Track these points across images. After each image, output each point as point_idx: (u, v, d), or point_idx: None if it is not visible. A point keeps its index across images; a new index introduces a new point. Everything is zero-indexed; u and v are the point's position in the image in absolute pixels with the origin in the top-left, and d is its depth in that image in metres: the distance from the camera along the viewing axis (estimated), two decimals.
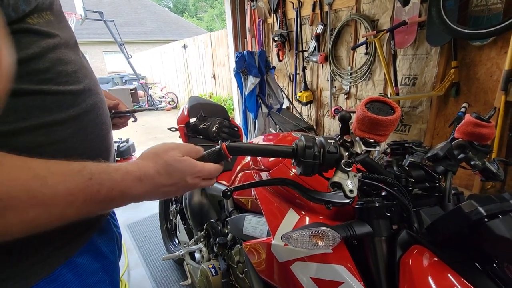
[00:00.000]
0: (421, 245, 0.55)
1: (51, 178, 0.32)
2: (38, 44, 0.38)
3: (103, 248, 0.52)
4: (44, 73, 0.39)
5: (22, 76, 0.36)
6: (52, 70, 0.40)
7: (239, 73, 2.97)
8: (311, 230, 0.58)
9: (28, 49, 0.37)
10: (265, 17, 3.55)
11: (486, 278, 0.48)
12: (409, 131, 2.35)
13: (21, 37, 0.36)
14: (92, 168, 0.36)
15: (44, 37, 0.39)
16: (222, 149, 0.51)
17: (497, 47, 1.77)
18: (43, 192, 0.32)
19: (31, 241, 0.38)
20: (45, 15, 0.40)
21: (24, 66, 0.37)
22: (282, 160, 0.84)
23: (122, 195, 0.39)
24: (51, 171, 0.33)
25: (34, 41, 0.38)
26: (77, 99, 0.44)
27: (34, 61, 0.38)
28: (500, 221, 0.44)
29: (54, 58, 0.40)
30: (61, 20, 0.45)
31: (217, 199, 1.40)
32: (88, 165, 0.36)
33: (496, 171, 0.66)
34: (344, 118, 0.55)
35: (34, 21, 0.38)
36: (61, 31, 0.43)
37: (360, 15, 2.47)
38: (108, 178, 0.37)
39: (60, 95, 0.41)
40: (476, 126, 0.65)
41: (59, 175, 0.33)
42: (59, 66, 0.41)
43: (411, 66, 2.24)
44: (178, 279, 1.78)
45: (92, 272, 0.48)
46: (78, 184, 0.34)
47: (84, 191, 0.35)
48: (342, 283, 0.57)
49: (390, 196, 0.60)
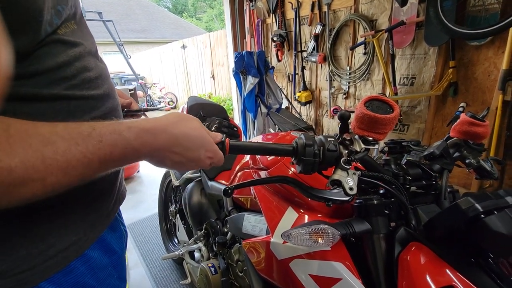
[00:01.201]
0: (419, 241, 0.55)
1: (61, 143, 0.32)
2: (66, 53, 0.41)
3: (113, 244, 0.53)
4: (70, 80, 0.42)
5: (52, 82, 0.39)
6: (77, 77, 0.43)
7: (238, 73, 2.97)
8: (311, 227, 0.58)
9: (57, 58, 0.40)
10: (264, 17, 3.56)
11: (482, 273, 0.49)
12: (407, 130, 2.37)
13: (52, 47, 0.39)
14: (102, 129, 0.36)
15: (71, 46, 0.42)
16: (226, 143, 0.52)
17: (494, 46, 1.78)
18: (56, 158, 0.32)
19: (49, 235, 0.41)
20: (70, 25, 0.43)
21: (54, 73, 0.39)
22: (281, 159, 0.85)
23: (136, 151, 0.39)
24: (60, 136, 0.33)
25: (62, 50, 0.41)
26: (97, 103, 0.46)
27: (63, 68, 0.40)
28: (496, 217, 0.45)
29: (79, 66, 0.43)
30: (83, 28, 0.48)
31: (216, 199, 1.40)
32: (97, 126, 0.36)
33: (490, 169, 0.67)
34: (343, 116, 0.55)
35: (62, 31, 0.41)
36: (84, 39, 0.46)
37: (359, 15, 2.48)
38: (120, 138, 0.37)
39: (83, 99, 0.43)
40: (471, 125, 0.66)
41: (69, 140, 0.33)
42: (83, 73, 0.44)
43: (410, 66, 2.26)
44: (178, 278, 1.78)
45: (103, 266, 0.49)
46: (89, 147, 0.34)
47: (97, 153, 0.35)
48: (340, 279, 0.58)
49: (388, 194, 0.60)
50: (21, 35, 0.34)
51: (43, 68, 0.38)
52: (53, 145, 0.31)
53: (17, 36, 0.32)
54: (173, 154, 0.43)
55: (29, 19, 0.34)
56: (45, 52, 0.38)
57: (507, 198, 0.47)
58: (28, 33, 0.34)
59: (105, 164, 0.37)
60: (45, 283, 0.41)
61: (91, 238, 0.47)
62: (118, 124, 0.38)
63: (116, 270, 0.53)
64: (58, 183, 0.33)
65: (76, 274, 0.44)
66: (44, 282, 0.40)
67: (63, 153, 0.32)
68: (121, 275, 0.55)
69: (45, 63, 0.38)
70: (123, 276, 0.56)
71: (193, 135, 0.44)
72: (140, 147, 0.39)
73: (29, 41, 0.35)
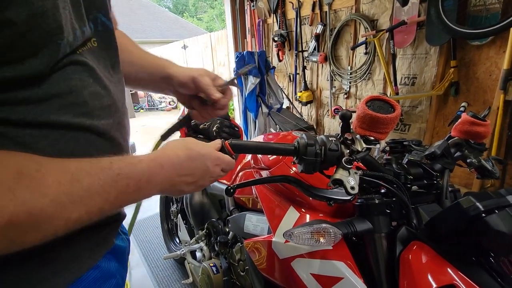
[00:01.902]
0: (420, 241, 0.56)
1: (86, 179, 0.33)
2: (80, 76, 0.39)
3: (119, 253, 0.54)
4: (81, 107, 0.39)
5: (61, 108, 0.37)
6: (88, 104, 0.40)
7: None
8: (312, 227, 0.59)
9: (71, 81, 0.38)
10: (265, 17, 3.56)
11: (483, 272, 0.49)
12: (408, 130, 2.37)
13: (67, 69, 0.37)
14: (119, 163, 0.38)
15: (87, 69, 0.40)
16: (225, 146, 0.52)
17: (495, 46, 1.78)
18: (81, 194, 0.33)
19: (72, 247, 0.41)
20: (90, 43, 0.41)
21: (64, 98, 0.37)
22: (282, 158, 0.85)
23: (149, 184, 0.41)
24: (85, 171, 0.34)
25: (77, 72, 0.38)
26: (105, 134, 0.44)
27: (75, 93, 0.38)
28: (497, 216, 0.45)
29: (92, 91, 0.41)
30: (106, 41, 0.46)
31: (218, 198, 1.41)
32: (114, 161, 0.38)
33: (491, 169, 0.68)
34: (345, 116, 0.56)
35: (80, 50, 0.39)
36: (103, 56, 0.44)
37: (360, 15, 2.48)
38: (135, 169, 0.39)
39: (90, 131, 0.42)
40: (472, 124, 0.66)
41: (92, 176, 0.34)
42: (96, 100, 0.42)
43: (411, 66, 2.26)
44: (180, 278, 1.78)
45: (112, 274, 0.49)
46: (109, 181, 0.35)
47: (115, 186, 0.36)
48: (342, 278, 0.58)
49: (389, 193, 0.61)
50: (37, 57, 0.33)
51: (54, 92, 0.36)
52: (80, 181, 0.32)
53: (32, 59, 0.32)
54: (183, 177, 0.45)
55: (47, 42, 0.33)
56: (59, 74, 0.36)
57: (508, 197, 0.48)
58: (45, 55, 0.34)
59: (121, 198, 0.38)
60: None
61: (104, 247, 0.48)
62: (131, 157, 0.40)
63: (121, 276, 0.52)
64: (80, 220, 0.34)
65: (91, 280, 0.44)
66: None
67: (88, 189, 0.33)
68: (123, 281, 0.55)
69: (57, 86, 0.36)
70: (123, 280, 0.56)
71: (193, 155, 0.46)
72: (151, 177, 0.41)
73: (45, 64, 0.34)
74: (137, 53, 0.63)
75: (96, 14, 0.43)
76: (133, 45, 0.63)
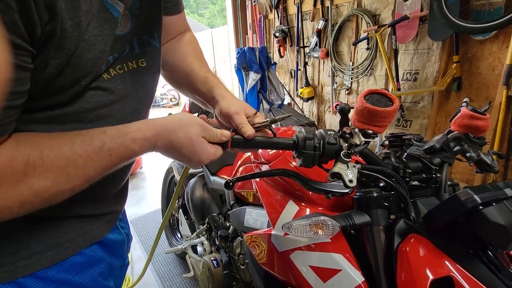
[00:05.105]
0: (418, 233, 0.56)
1: (80, 160, 0.39)
2: (97, 99, 0.44)
3: (109, 245, 0.58)
4: (87, 124, 0.44)
5: (66, 122, 0.43)
6: (94, 123, 0.45)
7: (240, 69, 2.97)
8: (311, 219, 0.59)
9: (88, 104, 0.43)
10: (266, 13, 3.54)
11: (480, 264, 0.49)
12: (410, 126, 2.36)
13: (87, 94, 0.42)
14: (110, 144, 0.41)
15: (107, 94, 0.45)
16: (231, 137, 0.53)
17: (498, 41, 1.77)
18: (78, 173, 0.39)
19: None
20: (114, 70, 0.46)
21: (74, 116, 0.43)
22: (282, 152, 0.86)
23: (138, 155, 0.46)
24: (78, 154, 0.38)
25: (94, 96, 0.44)
26: None
27: (86, 113, 0.44)
28: (494, 208, 0.45)
29: (104, 113, 0.46)
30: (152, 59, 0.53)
31: (219, 193, 1.42)
32: (106, 140, 0.41)
33: (490, 163, 0.67)
34: (343, 110, 0.56)
35: (104, 77, 0.44)
36: (123, 80, 0.48)
37: (362, 10, 2.46)
38: (127, 150, 0.43)
39: None
40: (472, 118, 0.66)
41: (85, 157, 0.39)
42: (104, 119, 0.46)
43: (413, 61, 2.24)
44: (181, 272, 1.80)
45: (95, 262, 0.54)
46: (102, 161, 0.41)
47: (107, 164, 0.42)
48: (340, 271, 0.59)
49: (388, 187, 0.61)
50: (68, 90, 0.39)
51: (68, 112, 0.41)
52: (74, 163, 0.38)
53: (63, 92, 0.39)
54: (169, 155, 0.49)
55: (81, 77, 0.39)
56: (79, 98, 0.42)
57: (506, 190, 0.48)
58: (69, 93, 0.40)
59: (112, 168, 0.44)
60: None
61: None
62: (123, 136, 0.42)
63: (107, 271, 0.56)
64: (81, 187, 0.41)
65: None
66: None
67: (82, 168, 0.39)
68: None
69: (73, 108, 0.42)
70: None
71: (187, 149, 0.47)
72: (141, 153, 0.45)
73: (72, 94, 0.40)
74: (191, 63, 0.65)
75: (143, 36, 0.50)
76: (192, 55, 0.66)
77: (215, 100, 0.60)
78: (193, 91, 0.65)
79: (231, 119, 0.55)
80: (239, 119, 0.54)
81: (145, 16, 0.49)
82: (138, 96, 0.52)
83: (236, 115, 0.55)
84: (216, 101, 0.59)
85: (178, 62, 0.65)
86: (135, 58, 0.50)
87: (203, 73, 0.63)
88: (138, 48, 0.50)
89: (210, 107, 0.64)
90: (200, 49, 0.70)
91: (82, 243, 0.51)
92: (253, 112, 0.59)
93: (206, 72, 0.64)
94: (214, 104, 0.61)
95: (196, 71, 0.63)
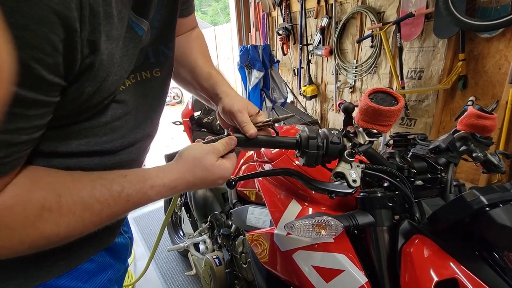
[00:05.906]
0: (423, 234, 0.55)
1: (97, 206, 0.38)
2: (112, 112, 0.43)
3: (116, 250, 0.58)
4: (101, 137, 0.43)
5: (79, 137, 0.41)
6: (108, 136, 0.44)
7: (243, 67, 2.96)
8: (314, 219, 0.59)
9: (103, 118, 0.42)
10: (269, 10, 3.52)
11: (486, 266, 0.48)
12: (414, 125, 2.34)
13: (102, 108, 0.41)
14: (129, 190, 0.40)
15: (120, 106, 0.44)
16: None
17: (505, 39, 1.74)
18: (92, 219, 0.38)
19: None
20: (128, 81, 0.44)
21: (88, 131, 0.41)
22: (285, 151, 0.85)
23: (152, 202, 0.45)
24: (96, 199, 0.38)
25: (108, 109, 0.42)
26: (115, 156, 0.47)
27: (99, 128, 0.42)
28: (501, 210, 0.44)
29: (116, 126, 0.44)
30: (166, 68, 0.52)
31: (221, 192, 1.42)
32: (126, 186, 0.40)
33: (497, 163, 0.66)
34: (347, 109, 0.55)
35: (120, 89, 0.43)
36: (136, 91, 0.46)
37: (366, 7, 2.43)
38: (144, 197, 0.42)
39: (102, 154, 0.45)
40: (479, 118, 0.65)
41: (103, 202, 0.38)
42: (116, 132, 0.45)
43: (418, 59, 2.21)
44: (183, 270, 1.81)
45: (105, 267, 0.55)
46: (118, 207, 0.40)
47: (122, 210, 0.41)
48: (343, 271, 0.58)
49: (392, 187, 0.60)
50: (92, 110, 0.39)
51: (85, 127, 0.41)
52: (91, 209, 0.37)
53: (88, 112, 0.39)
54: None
55: (107, 97, 0.39)
56: (99, 114, 0.41)
57: None
58: (98, 106, 0.39)
59: (125, 214, 0.44)
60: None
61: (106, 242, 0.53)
62: (143, 182, 0.42)
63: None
64: (90, 231, 0.40)
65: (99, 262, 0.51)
66: None
67: (98, 214, 0.38)
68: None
69: (90, 123, 0.41)
70: None
71: (209, 178, 0.48)
72: (157, 199, 0.44)
73: (94, 112, 0.40)
74: (196, 59, 0.65)
75: (159, 46, 0.49)
76: (197, 51, 0.66)
77: (218, 97, 0.59)
78: (196, 87, 0.64)
79: (234, 117, 0.55)
80: (242, 117, 0.54)
81: (163, 26, 0.48)
82: (150, 105, 0.51)
83: (239, 113, 0.54)
84: (219, 98, 0.59)
85: (183, 57, 0.64)
86: (149, 68, 0.48)
87: (207, 69, 0.63)
88: (153, 57, 0.49)
89: (213, 104, 0.64)
90: (206, 45, 0.69)
91: (91, 251, 0.51)
92: (256, 111, 0.58)
93: (210, 68, 0.63)
94: (217, 101, 0.60)
95: (200, 66, 0.63)
